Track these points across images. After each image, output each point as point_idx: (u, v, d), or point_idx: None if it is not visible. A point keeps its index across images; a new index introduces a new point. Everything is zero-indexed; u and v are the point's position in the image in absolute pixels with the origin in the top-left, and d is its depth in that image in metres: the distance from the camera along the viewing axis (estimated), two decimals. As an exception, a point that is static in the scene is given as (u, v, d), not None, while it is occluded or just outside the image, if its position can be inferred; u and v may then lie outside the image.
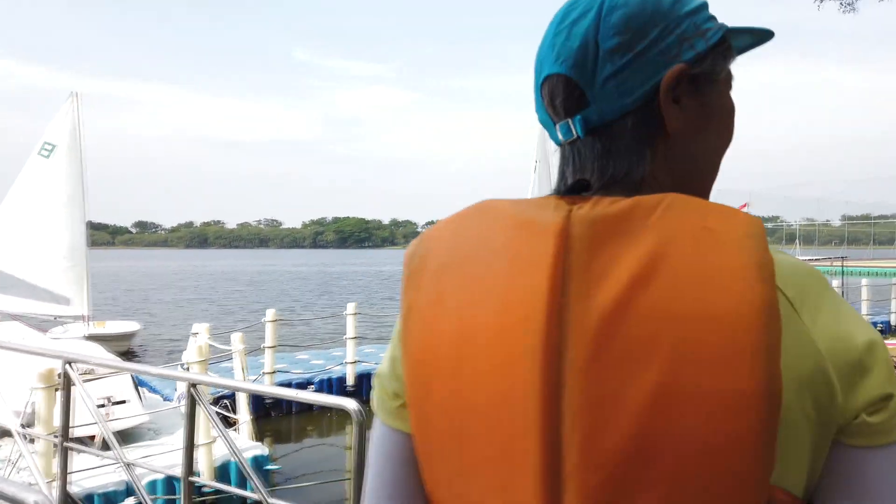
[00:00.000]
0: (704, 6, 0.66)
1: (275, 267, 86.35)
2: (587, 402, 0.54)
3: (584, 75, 0.64)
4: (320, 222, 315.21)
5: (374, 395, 0.72)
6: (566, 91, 0.65)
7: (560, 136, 0.67)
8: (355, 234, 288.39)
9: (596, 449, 0.54)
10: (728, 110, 0.69)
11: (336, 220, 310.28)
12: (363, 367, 11.16)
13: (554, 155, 0.72)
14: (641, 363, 0.53)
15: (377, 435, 0.71)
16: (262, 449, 7.19)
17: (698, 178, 0.68)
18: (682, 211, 0.57)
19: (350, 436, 9.54)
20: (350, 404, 2.88)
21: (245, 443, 7.28)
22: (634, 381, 0.53)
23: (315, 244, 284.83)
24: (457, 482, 0.61)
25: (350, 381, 10.91)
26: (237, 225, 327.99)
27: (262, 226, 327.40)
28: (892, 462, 0.57)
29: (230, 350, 8.02)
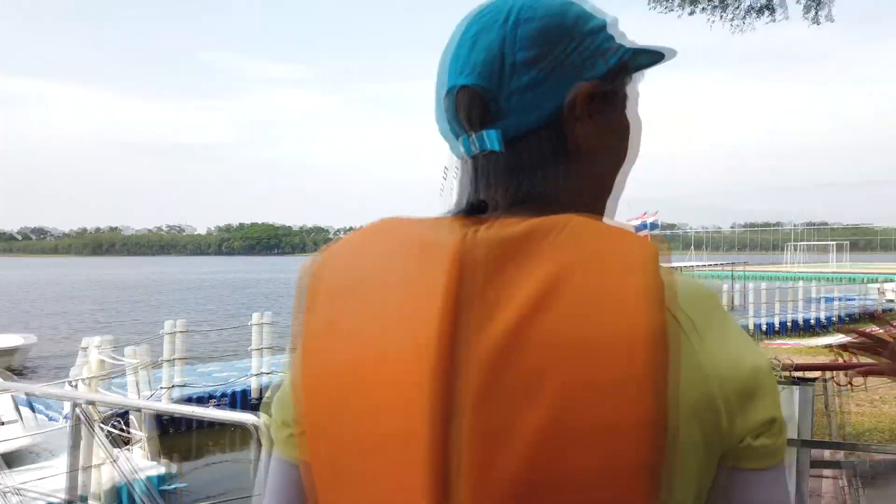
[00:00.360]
0: (605, 26, 0.67)
1: (177, 275, 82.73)
2: (477, 436, 0.52)
3: (492, 88, 0.63)
4: (227, 228, 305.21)
5: (267, 423, 0.70)
6: (473, 104, 0.64)
7: (463, 150, 0.66)
8: (264, 241, 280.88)
9: (486, 485, 0.52)
10: (628, 128, 0.70)
11: (244, 226, 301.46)
12: (271, 378, 10.86)
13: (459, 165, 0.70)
14: (533, 395, 0.52)
15: (271, 466, 0.69)
16: (158, 469, 6.85)
17: (602, 195, 0.68)
18: (579, 234, 0.56)
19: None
20: (250, 419, 2.79)
21: (141, 463, 6.91)
22: (525, 414, 0.51)
23: (221, 251, 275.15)
24: None
25: (255, 393, 10.59)
26: (137, 231, 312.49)
27: (163, 232, 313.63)
28: (778, 483, 0.58)
29: (126, 364, 7.60)
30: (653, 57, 0.69)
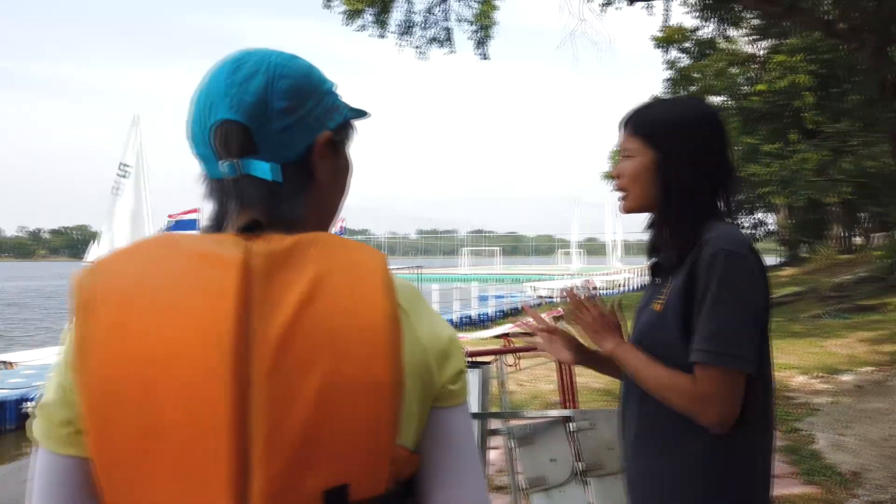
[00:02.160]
0: (334, 87, 0.87)
1: None
2: (270, 403, 0.66)
3: (256, 126, 0.78)
4: None
5: (39, 426, 0.74)
6: (239, 136, 0.78)
7: (228, 172, 0.79)
8: None
9: (277, 440, 0.66)
10: (350, 167, 0.90)
11: None
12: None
13: (147, 171, 0.86)
14: (310, 367, 0.67)
15: (44, 465, 0.73)
16: None
17: (331, 216, 0.89)
18: (332, 247, 0.74)
19: None
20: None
21: None
22: (305, 383, 0.67)
23: None
24: (147, 492, 0.67)
25: None
26: None
27: None
28: (465, 415, 0.82)
29: None
30: (359, 114, 0.90)
